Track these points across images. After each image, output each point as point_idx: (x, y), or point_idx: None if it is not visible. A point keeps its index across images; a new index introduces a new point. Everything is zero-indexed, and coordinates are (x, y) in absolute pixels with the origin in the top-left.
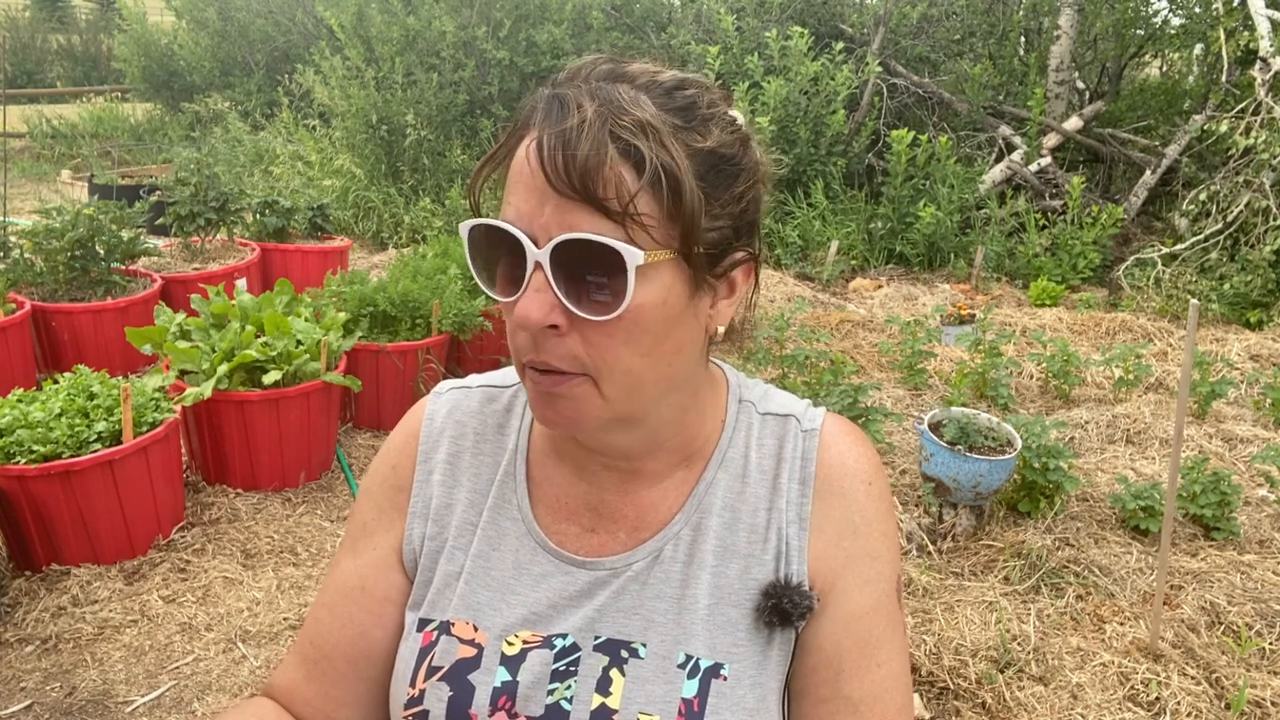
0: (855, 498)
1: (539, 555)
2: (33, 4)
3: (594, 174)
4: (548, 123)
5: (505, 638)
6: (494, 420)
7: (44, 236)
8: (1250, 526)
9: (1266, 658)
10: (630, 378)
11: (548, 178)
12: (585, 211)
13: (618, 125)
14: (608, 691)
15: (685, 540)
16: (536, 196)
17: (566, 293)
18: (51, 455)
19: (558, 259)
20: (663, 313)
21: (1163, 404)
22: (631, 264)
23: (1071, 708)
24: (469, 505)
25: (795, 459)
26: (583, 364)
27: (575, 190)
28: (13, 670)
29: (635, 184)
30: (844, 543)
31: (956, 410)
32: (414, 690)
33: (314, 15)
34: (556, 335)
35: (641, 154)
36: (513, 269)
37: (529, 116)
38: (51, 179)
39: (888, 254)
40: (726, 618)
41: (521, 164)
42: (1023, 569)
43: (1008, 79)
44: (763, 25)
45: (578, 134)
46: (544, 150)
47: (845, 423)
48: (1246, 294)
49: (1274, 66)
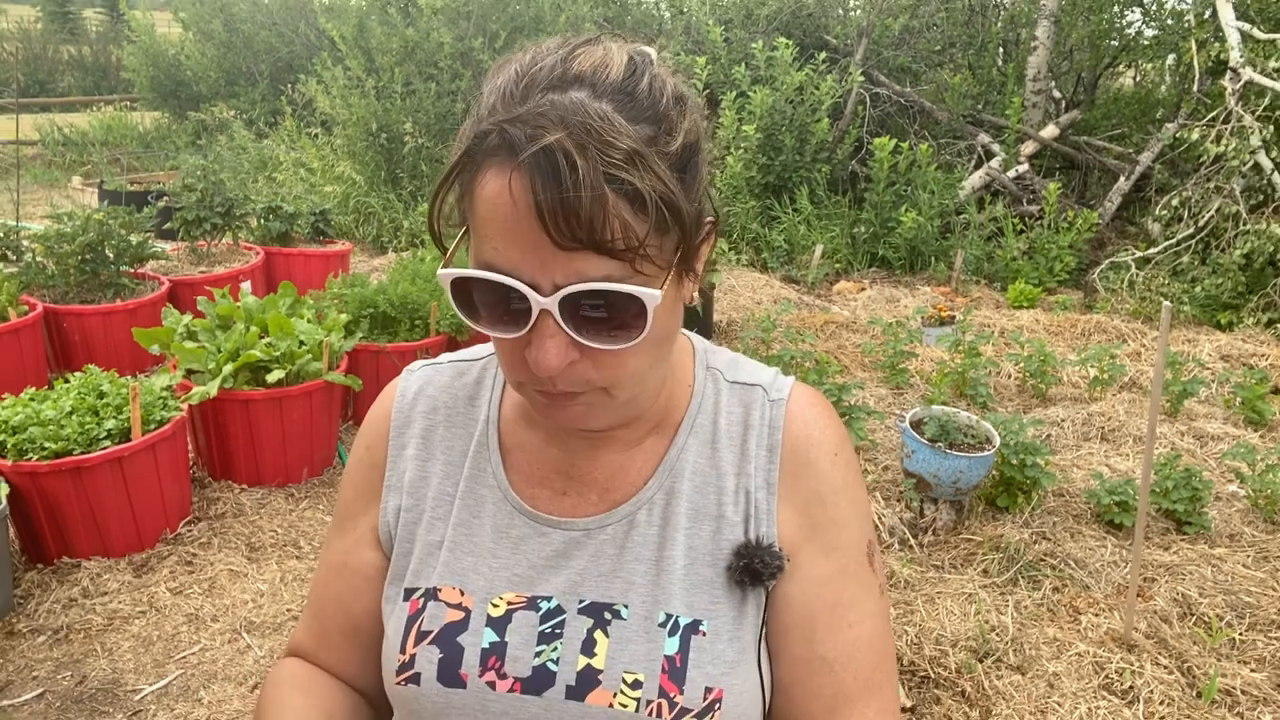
0: (822, 468)
1: (516, 519)
2: (45, 16)
3: (597, 222)
4: (525, 165)
5: (490, 600)
6: (465, 393)
7: (55, 241)
8: (1221, 521)
9: (1237, 648)
10: (639, 379)
11: (549, 233)
12: (589, 257)
13: (606, 162)
14: (592, 653)
15: (659, 505)
16: (528, 244)
17: (577, 330)
18: (63, 452)
19: (567, 305)
20: (667, 318)
21: (1136, 402)
22: (651, 305)
23: (1048, 696)
24: (444, 476)
25: (763, 427)
26: (595, 384)
27: (580, 241)
28: (25, 660)
29: (638, 222)
30: (811, 510)
31: (937, 409)
32: (404, 656)
33: (316, 27)
34: (571, 366)
35: (639, 190)
36: (510, 310)
37: (489, 147)
38: (63, 185)
39: (870, 258)
40: (702, 577)
41: (500, 205)
42: (1001, 562)
43: (986, 88)
44: (750, 36)
45: (572, 183)
46: (540, 204)
47: (812, 393)
48: (1217, 296)
49: (1244, 76)
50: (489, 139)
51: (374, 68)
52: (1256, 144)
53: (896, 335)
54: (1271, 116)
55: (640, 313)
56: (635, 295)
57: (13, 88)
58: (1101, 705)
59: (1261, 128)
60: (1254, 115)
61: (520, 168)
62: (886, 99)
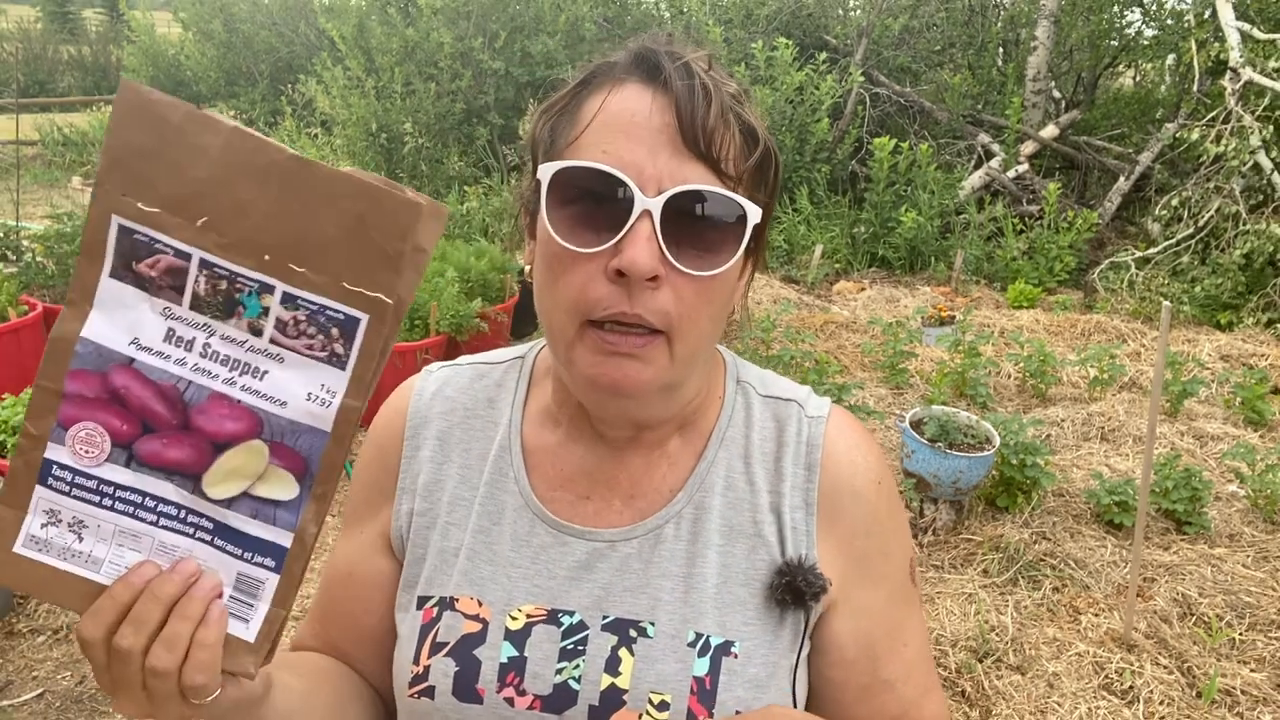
0: (867, 497)
1: (537, 527)
2: (45, 16)
3: (718, 136)
4: (664, 80)
5: (509, 612)
6: (484, 395)
7: (55, 241)
8: (1221, 521)
9: (1236, 648)
10: (698, 338)
11: (680, 131)
12: (700, 168)
13: (724, 93)
14: (617, 671)
15: (688, 519)
16: (645, 147)
17: (667, 244)
18: None
19: (668, 210)
20: (733, 278)
21: (1136, 402)
22: (751, 221)
23: (1048, 696)
24: (461, 481)
25: (800, 444)
26: (669, 320)
27: (699, 148)
28: (25, 660)
29: (746, 152)
30: (857, 542)
31: (937, 409)
32: (418, 667)
33: (316, 27)
34: (652, 288)
35: (751, 125)
36: (605, 217)
37: (614, 67)
38: (63, 185)
39: (870, 258)
40: (735, 596)
41: (622, 111)
42: (1001, 562)
43: (986, 88)
44: (749, 37)
45: (703, 95)
46: (677, 108)
47: (850, 417)
48: (1217, 296)
49: (1244, 76)
50: (620, 61)
51: (374, 68)
52: (1256, 144)
53: (896, 335)
54: (1271, 116)
55: (734, 233)
56: (736, 203)
57: (13, 88)
58: (1101, 705)
59: (1261, 128)
60: (1254, 115)
61: (659, 81)
62: (886, 99)
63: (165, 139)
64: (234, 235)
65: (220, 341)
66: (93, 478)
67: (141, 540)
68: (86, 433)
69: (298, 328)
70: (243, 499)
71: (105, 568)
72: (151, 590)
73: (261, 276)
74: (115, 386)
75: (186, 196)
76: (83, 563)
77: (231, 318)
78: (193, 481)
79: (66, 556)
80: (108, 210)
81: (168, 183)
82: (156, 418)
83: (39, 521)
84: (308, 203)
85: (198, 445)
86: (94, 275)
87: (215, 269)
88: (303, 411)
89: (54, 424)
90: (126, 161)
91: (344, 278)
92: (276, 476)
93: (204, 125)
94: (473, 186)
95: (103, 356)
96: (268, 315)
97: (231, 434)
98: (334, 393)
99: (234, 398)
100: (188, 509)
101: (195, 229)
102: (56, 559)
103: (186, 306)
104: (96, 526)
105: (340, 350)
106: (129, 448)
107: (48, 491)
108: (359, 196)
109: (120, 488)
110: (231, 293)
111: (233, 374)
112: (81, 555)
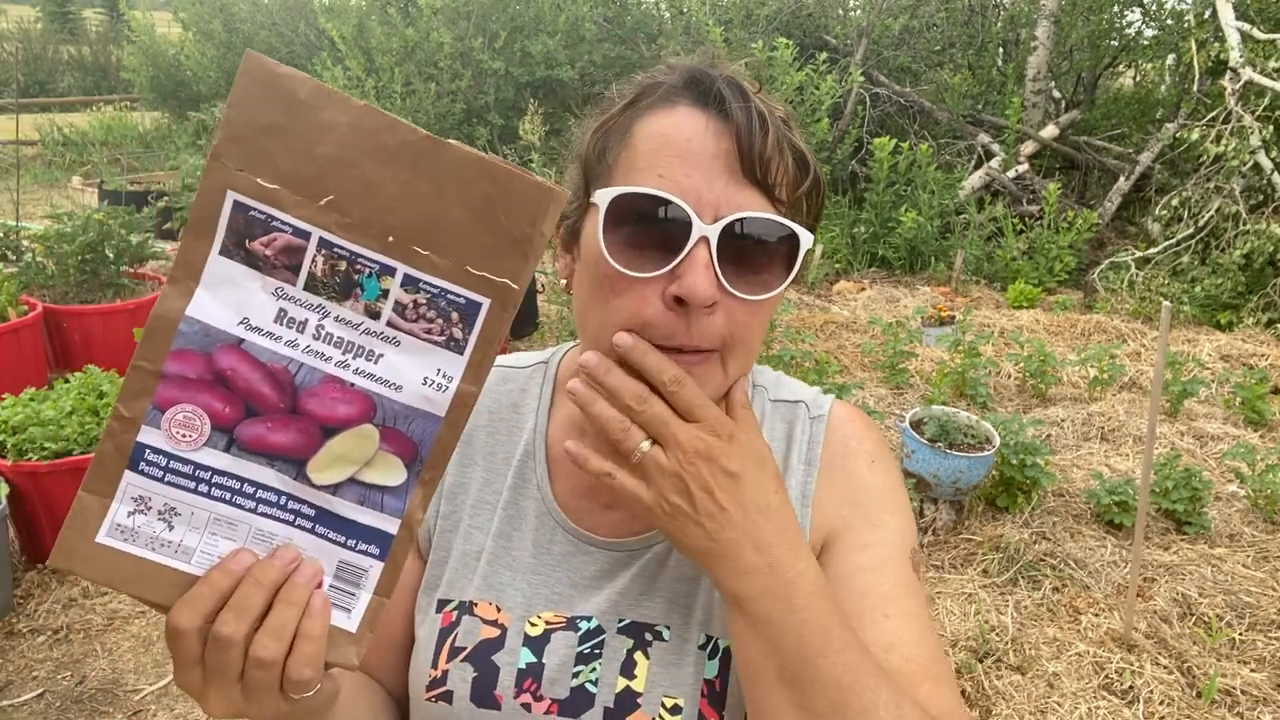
0: (858, 473)
1: (558, 535)
2: (45, 16)
3: (774, 164)
4: (718, 104)
5: (528, 618)
6: (509, 400)
7: (55, 241)
8: (1221, 521)
9: (1236, 648)
10: (748, 355)
11: (739, 158)
12: (755, 195)
13: (778, 119)
14: (632, 674)
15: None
16: (701, 172)
17: (723, 270)
18: (63, 452)
19: (724, 236)
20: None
21: (1136, 402)
22: (804, 246)
23: (1048, 696)
24: (484, 485)
25: (803, 442)
26: (723, 341)
27: (756, 175)
28: (25, 660)
29: (798, 178)
30: (843, 510)
31: (937, 409)
32: (436, 671)
33: (316, 27)
34: (708, 313)
35: (802, 151)
36: (661, 242)
37: (664, 88)
38: (63, 185)
39: (870, 258)
40: None
41: (678, 135)
42: (1001, 562)
43: (986, 88)
44: (749, 36)
45: (760, 123)
46: (738, 131)
47: (852, 409)
48: (1217, 296)
49: (1244, 76)
50: (671, 82)
51: (374, 68)
52: (1256, 144)
53: (896, 335)
54: (1271, 116)
55: (786, 258)
56: (794, 231)
57: (13, 88)
58: (1101, 705)
59: (1261, 128)
60: (1254, 115)
61: (712, 105)
62: (886, 99)
63: (292, 114)
64: (358, 215)
65: (334, 323)
66: (189, 462)
67: (237, 528)
68: (185, 415)
69: (417, 310)
70: (349, 484)
71: (197, 557)
72: (254, 575)
73: (384, 258)
74: (221, 368)
75: (311, 174)
76: (172, 552)
77: (348, 300)
78: (296, 467)
79: (155, 546)
80: (223, 185)
81: (292, 159)
82: (263, 400)
83: (126, 509)
84: (437, 184)
85: (306, 429)
86: (203, 252)
87: (335, 249)
88: (418, 396)
89: (149, 406)
90: (248, 136)
91: (468, 261)
92: (385, 462)
93: (332, 101)
94: None
95: (210, 336)
96: (386, 298)
97: (344, 418)
98: (451, 377)
99: (348, 381)
100: (289, 495)
101: (317, 208)
102: (144, 548)
103: (301, 287)
104: (190, 514)
105: (459, 335)
106: (230, 432)
107: (138, 477)
108: (491, 179)
109: (218, 473)
110: (350, 274)
111: (346, 356)
112: (171, 545)
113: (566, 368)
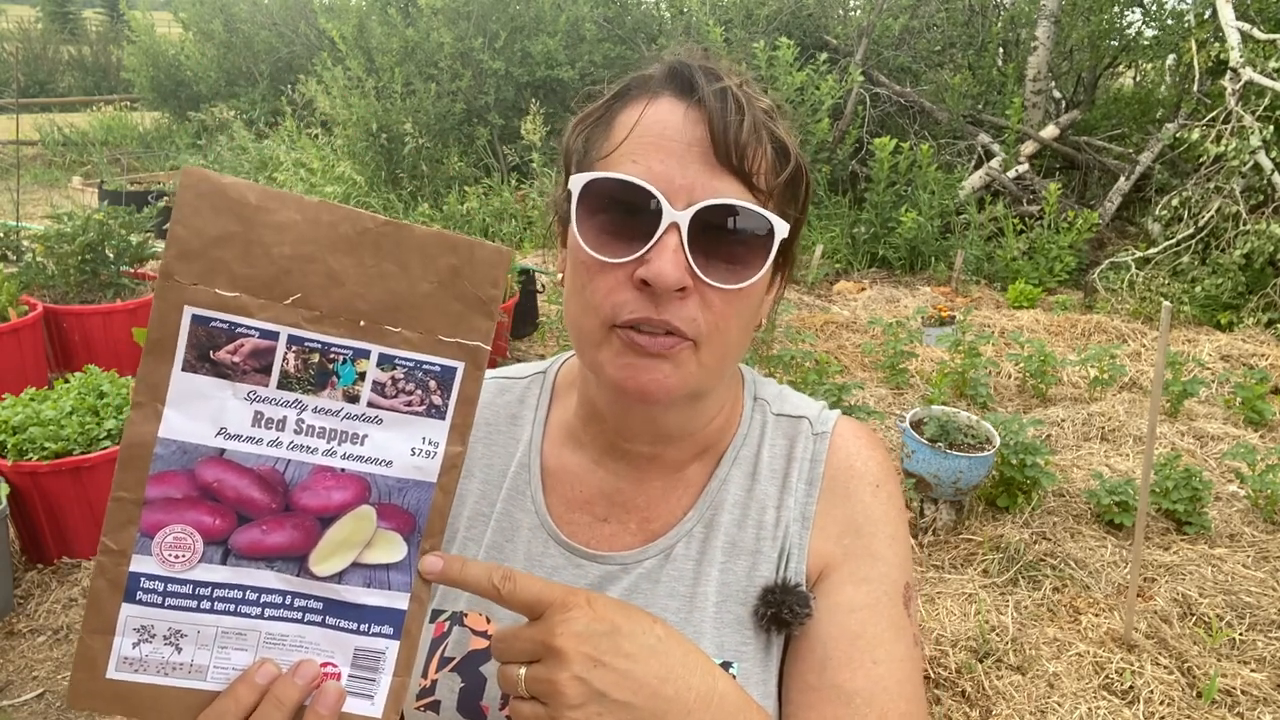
0: (861, 499)
1: (550, 548)
2: (45, 16)
3: (749, 150)
4: (700, 94)
5: None
6: (506, 411)
7: (55, 241)
8: (1221, 521)
9: (1237, 648)
10: (726, 348)
11: (712, 145)
12: (731, 182)
13: (757, 109)
14: None
15: (698, 537)
16: (676, 160)
17: (694, 257)
18: (63, 452)
19: (696, 223)
20: (761, 290)
21: (1136, 403)
22: (779, 235)
23: (1048, 696)
24: (480, 496)
25: (805, 460)
26: (697, 328)
27: (731, 162)
28: (25, 660)
29: (777, 168)
30: (844, 540)
31: (937, 409)
32: (425, 681)
33: (316, 27)
34: (680, 298)
35: (783, 141)
36: (634, 227)
37: (649, 80)
38: (63, 185)
39: (871, 258)
40: (734, 615)
41: (655, 124)
42: (1001, 562)
43: (987, 89)
44: (750, 37)
45: (736, 110)
46: (710, 118)
47: (858, 425)
48: (1217, 296)
49: (1244, 76)
50: (655, 75)
51: (374, 68)
52: (1256, 144)
53: (896, 335)
54: (1271, 116)
55: (762, 247)
56: (768, 219)
57: (13, 88)
58: (1101, 705)
59: (1261, 128)
60: (1254, 115)
61: (692, 96)
62: (886, 99)
63: (245, 220)
64: (327, 307)
65: (314, 415)
66: (186, 582)
67: (247, 637)
68: (175, 537)
69: (395, 386)
70: (353, 570)
71: (212, 673)
72: (274, 695)
73: (357, 343)
74: (206, 481)
75: (272, 275)
76: (185, 673)
77: (324, 389)
78: (297, 563)
79: (166, 671)
80: (179, 302)
81: (248, 264)
82: (254, 505)
83: (130, 641)
84: (402, 264)
85: (302, 524)
86: (164, 373)
87: (306, 343)
88: (409, 467)
89: (137, 535)
90: (198, 250)
91: (440, 331)
92: (384, 540)
93: (284, 202)
94: (473, 187)
95: (188, 453)
96: (364, 380)
97: (340, 504)
98: (436, 443)
99: (338, 467)
100: (294, 593)
101: (284, 307)
102: (155, 675)
103: (274, 386)
104: (196, 633)
105: (439, 401)
106: (224, 543)
107: (136, 608)
108: (454, 251)
109: (218, 586)
110: (324, 364)
111: (332, 444)
112: (183, 666)
113: (565, 375)
